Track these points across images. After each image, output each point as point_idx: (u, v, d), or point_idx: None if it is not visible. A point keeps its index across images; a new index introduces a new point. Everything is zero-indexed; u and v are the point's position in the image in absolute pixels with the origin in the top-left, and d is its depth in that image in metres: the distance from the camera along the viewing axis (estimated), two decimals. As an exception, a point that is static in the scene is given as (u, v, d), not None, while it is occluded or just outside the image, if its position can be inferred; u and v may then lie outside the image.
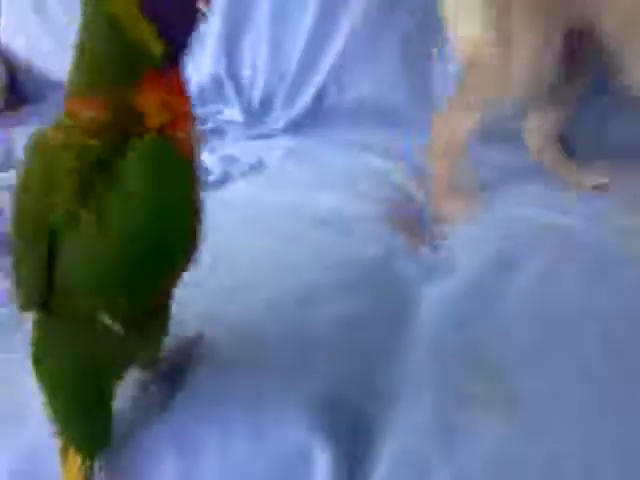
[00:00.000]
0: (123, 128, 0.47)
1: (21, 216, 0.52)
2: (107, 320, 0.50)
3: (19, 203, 0.52)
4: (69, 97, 0.50)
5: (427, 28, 1.23)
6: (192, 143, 0.51)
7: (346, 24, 1.29)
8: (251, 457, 0.55)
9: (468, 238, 0.89)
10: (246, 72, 1.40)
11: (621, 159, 1.10)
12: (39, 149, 0.50)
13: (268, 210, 1.01)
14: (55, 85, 1.53)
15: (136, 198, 0.46)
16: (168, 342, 0.60)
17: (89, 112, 0.48)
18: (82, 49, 0.48)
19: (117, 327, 0.50)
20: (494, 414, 0.57)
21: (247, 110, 1.38)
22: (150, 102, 0.48)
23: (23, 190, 0.51)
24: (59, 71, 1.55)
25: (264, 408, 0.57)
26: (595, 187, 1.04)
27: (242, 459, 0.55)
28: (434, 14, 1.13)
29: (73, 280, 0.50)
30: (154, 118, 0.48)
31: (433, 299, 0.74)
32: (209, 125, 1.36)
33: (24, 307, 0.54)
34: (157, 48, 0.47)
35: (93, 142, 0.47)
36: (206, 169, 1.20)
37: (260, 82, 1.38)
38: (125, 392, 0.58)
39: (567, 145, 1.12)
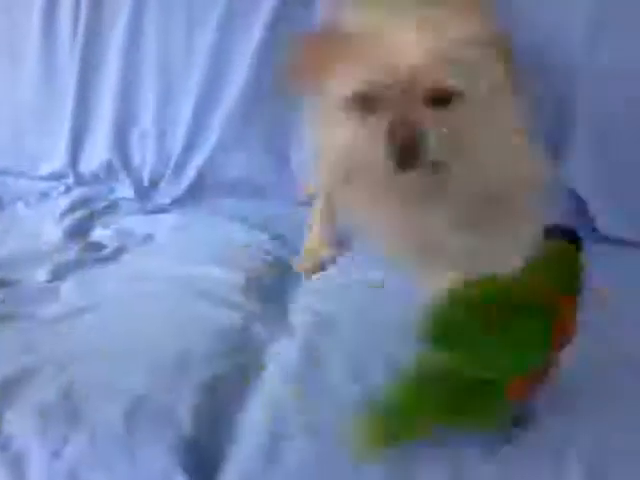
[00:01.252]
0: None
1: None
2: None
3: None
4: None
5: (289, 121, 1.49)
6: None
7: (221, 116, 1.54)
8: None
9: (311, 303, 1.14)
10: (135, 159, 1.62)
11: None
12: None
13: (156, 281, 1.20)
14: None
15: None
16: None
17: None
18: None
19: None
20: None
21: (137, 189, 1.59)
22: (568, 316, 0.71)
23: None
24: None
25: (143, 448, 0.79)
26: None
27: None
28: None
29: None
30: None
31: (276, 359, 0.97)
32: (103, 203, 1.57)
33: None
34: None
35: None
36: (100, 243, 1.39)
37: (147, 167, 1.61)
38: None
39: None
